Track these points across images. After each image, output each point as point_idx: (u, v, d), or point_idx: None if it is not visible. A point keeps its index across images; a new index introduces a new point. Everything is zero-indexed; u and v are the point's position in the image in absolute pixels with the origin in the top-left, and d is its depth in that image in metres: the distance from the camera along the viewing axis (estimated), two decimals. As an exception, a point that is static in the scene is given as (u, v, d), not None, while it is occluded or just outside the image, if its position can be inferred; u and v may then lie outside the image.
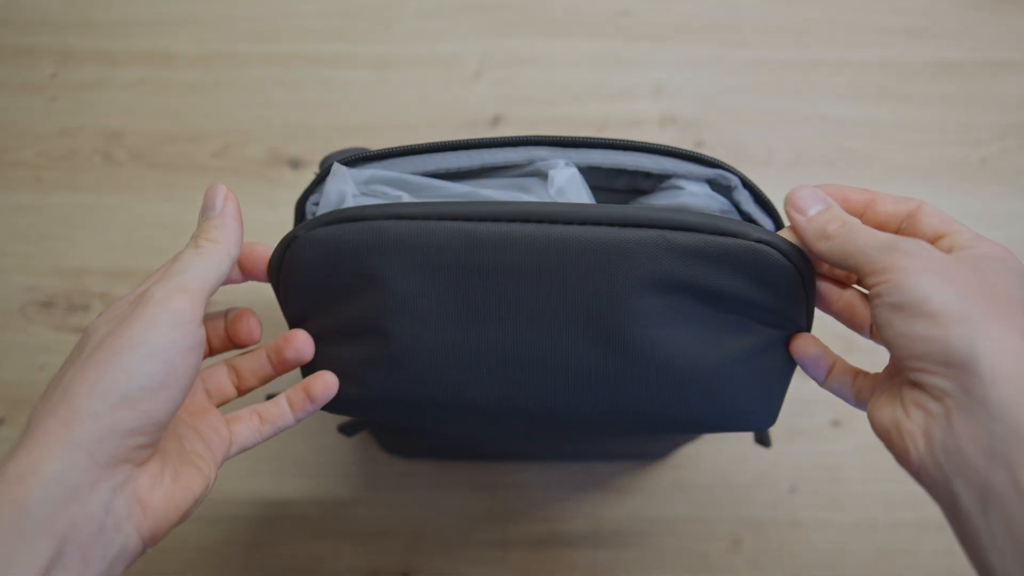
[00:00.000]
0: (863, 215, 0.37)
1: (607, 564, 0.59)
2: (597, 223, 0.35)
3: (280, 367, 0.41)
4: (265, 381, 0.41)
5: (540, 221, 0.36)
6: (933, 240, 0.35)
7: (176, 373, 0.32)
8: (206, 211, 0.38)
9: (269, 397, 0.42)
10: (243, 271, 0.41)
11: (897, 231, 0.37)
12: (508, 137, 0.42)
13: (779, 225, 0.43)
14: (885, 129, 0.68)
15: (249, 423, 0.39)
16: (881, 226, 0.37)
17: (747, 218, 0.44)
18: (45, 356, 0.63)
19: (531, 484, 0.60)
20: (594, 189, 0.43)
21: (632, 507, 0.60)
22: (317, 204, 0.42)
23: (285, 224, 0.64)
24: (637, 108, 0.69)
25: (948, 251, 0.34)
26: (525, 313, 0.36)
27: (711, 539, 0.59)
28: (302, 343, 0.40)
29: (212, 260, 0.36)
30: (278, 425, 0.39)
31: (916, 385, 0.32)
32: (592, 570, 0.59)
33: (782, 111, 0.68)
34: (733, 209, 0.44)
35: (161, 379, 0.32)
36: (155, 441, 0.32)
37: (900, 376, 0.34)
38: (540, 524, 0.59)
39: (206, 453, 0.37)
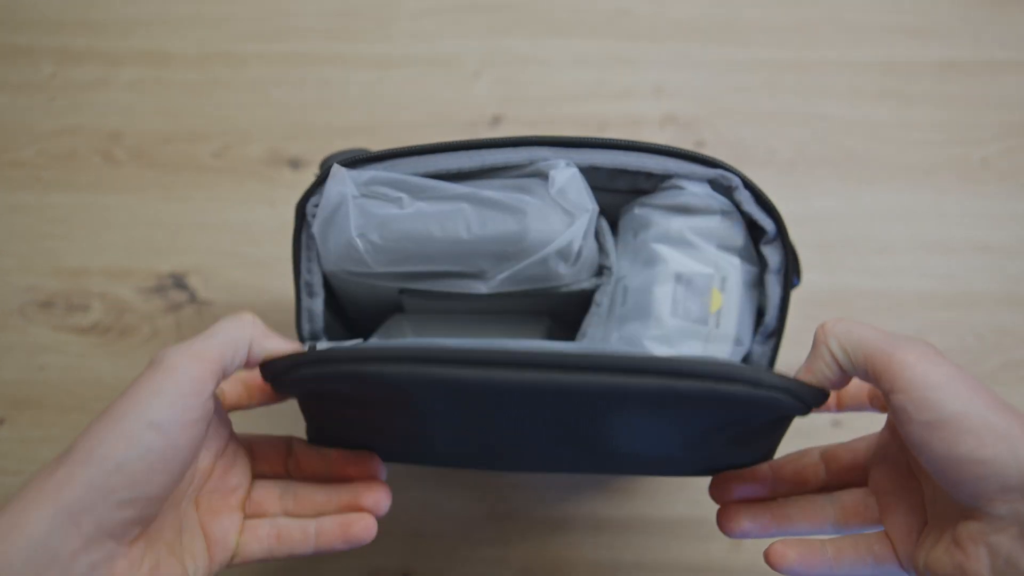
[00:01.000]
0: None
1: (608, 564, 0.59)
2: (597, 370, 0.33)
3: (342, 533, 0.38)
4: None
5: (538, 367, 0.33)
6: None
7: (176, 447, 0.31)
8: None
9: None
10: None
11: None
12: (509, 137, 0.42)
13: (779, 225, 0.43)
14: (886, 129, 0.68)
15: (265, 541, 0.37)
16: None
17: (748, 218, 0.44)
18: (44, 356, 0.63)
19: (531, 484, 0.60)
20: (595, 189, 0.43)
21: (632, 507, 0.60)
22: (317, 206, 0.42)
23: (285, 224, 0.64)
24: (637, 108, 0.69)
25: None
26: (507, 425, 0.36)
27: (711, 539, 0.59)
28: (379, 504, 0.38)
29: (238, 334, 0.34)
30: (295, 551, 0.37)
31: (970, 516, 0.30)
32: (593, 570, 0.59)
33: (782, 111, 0.68)
34: (734, 209, 0.44)
35: (160, 452, 0.31)
36: (145, 518, 0.31)
37: (942, 516, 0.33)
38: (540, 524, 0.59)
39: (201, 557, 0.35)
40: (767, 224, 0.43)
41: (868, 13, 0.71)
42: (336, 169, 0.41)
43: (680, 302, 0.44)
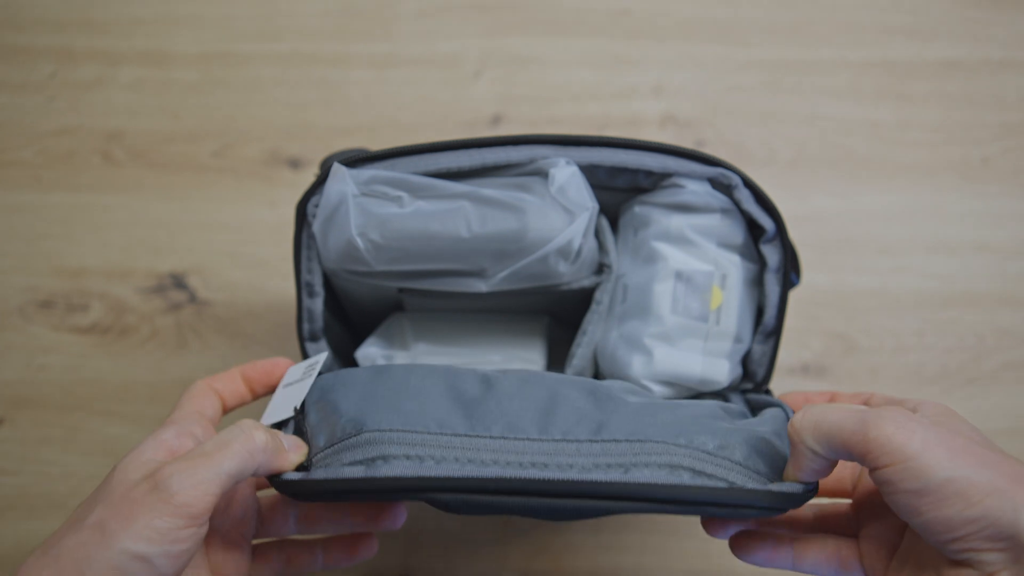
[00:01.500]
0: None
1: (608, 565, 0.59)
2: (593, 496, 0.34)
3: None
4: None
5: (533, 495, 0.34)
6: None
7: (163, 573, 0.31)
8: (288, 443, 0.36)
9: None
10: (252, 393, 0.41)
11: None
12: (509, 136, 0.42)
13: (779, 224, 0.43)
14: (886, 128, 0.68)
15: (275, 564, 0.39)
16: None
17: (747, 217, 0.44)
18: (44, 356, 0.63)
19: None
20: (595, 187, 0.43)
21: (632, 507, 0.60)
22: (318, 206, 0.42)
23: (285, 224, 0.64)
24: (637, 107, 0.69)
25: None
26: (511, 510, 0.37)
27: (711, 540, 0.59)
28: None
29: (247, 463, 0.34)
30: (302, 571, 0.38)
31: (961, 564, 0.31)
32: (593, 572, 0.59)
33: (782, 110, 0.68)
34: (734, 207, 0.44)
35: None
36: None
37: (922, 552, 0.34)
38: (540, 525, 0.59)
39: None
40: (766, 223, 0.43)
41: (868, 13, 0.71)
42: (336, 168, 0.41)
43: (680, 299, 0.44)
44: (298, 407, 0.39)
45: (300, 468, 0.36)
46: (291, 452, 0.36)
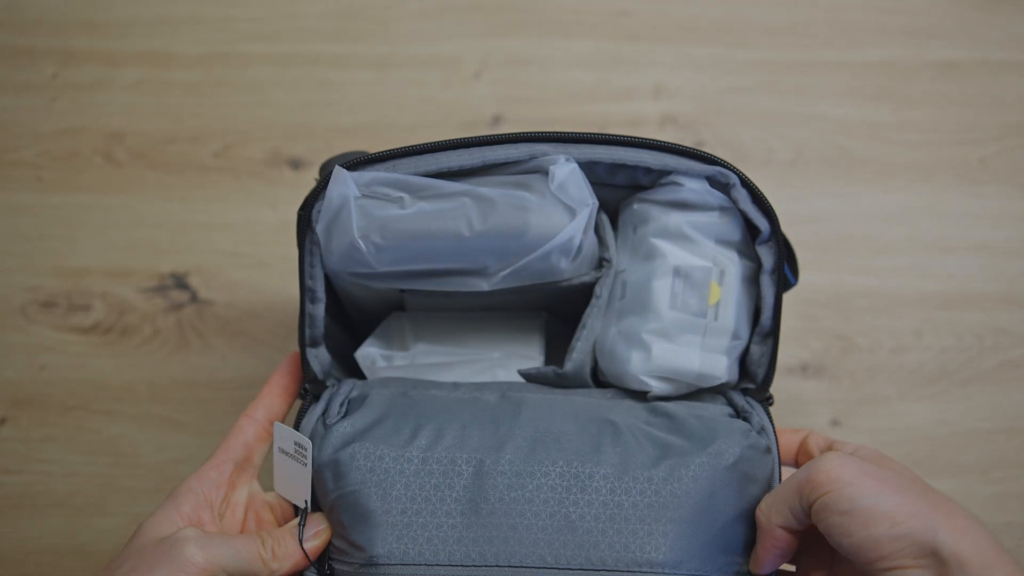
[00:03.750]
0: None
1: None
2: None
3: None
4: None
5: None
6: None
7: None
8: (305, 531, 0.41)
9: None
10: None
11: (797, 455, 0.44)
12: (508, 134, 0.42)
13: (774, 225, 0.43)
14: (885, 129, 0.68)
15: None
16: (785, 457, 0.44)
17: (744, 217, 0.44)
18: (46, 356, 0.63)
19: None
20: (594, 185, 0.43)
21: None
22: (319, 211, 0.42)
23: (286, 224, 0.64)
24: (637, 108, 0.69)
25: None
26: None
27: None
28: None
29: (253, 564, 0.38)
30: None
31: None
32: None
33: (782, 111, 0.68)
34: (732, 206, 0.44)
35: None
36: None
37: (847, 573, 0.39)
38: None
39: None
40: (762, 224, 0.43)
41: (867, 14, 0.71)
42: (337, 171, 0.41)
43: (679, 295, 0.44)
44: (308, 503, 0.42)
45: (321, 562, 0.40)
46: (312, 539, 0.40)
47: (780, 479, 0.42)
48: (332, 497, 0.40)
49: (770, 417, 0.44)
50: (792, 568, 0.42)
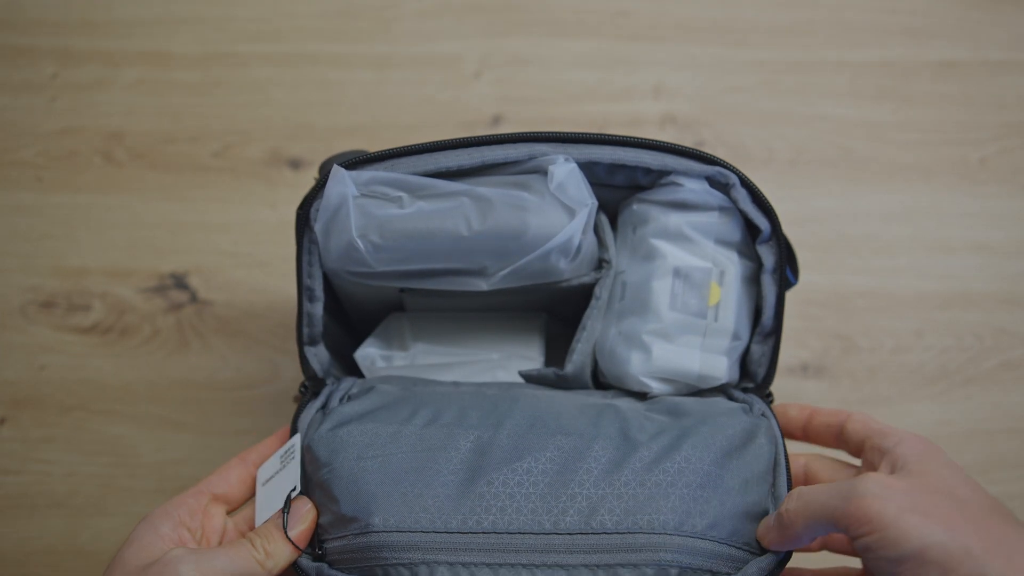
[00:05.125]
0: (805, 427, 0.43)
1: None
2: None
3: None
4: None
5: None
6: (858, 448, 0.40)
7: None
8: (290, 519, 0.39)
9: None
10: None
11: (835, 443, 0.42)
12: (508, 134, 0.42)
13: (774, 225, 0.43)
14: (885, 129, 0.68)
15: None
16: (820, 438, 0.43)
17: (744, 217, 0.44)
18: (45, 356, 0.63)
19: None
20: (593, 185, 0.43)
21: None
22: (318, 210, 0.42)
23: (285, 224, 0.64)
24: (637, 108, 0.69)
25: (881, 461, 0.37)
26: None
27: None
28: None
29: (249, 568, 0.37)
30: None
31: None
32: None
33: (782, 111, 0.68)
34: (731, 206, 0.44)
35: None
36: None
37: None
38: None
39: None
40: (762, 224, 0.43)
41: (867, 13, 0.71)
42: (336, 170, 0.41)
43: (679, 296, 0.44)
44: (296, 489, 0.40)
45: (312, 546, 0.39)
46: (297, 525, 0.39)
47: (786, 457, 0.41)
48: (324, 472, 0.39)
49: (771, 410, 0.44)
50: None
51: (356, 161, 0.42)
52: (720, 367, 0.44)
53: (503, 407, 0.41)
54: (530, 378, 0.47)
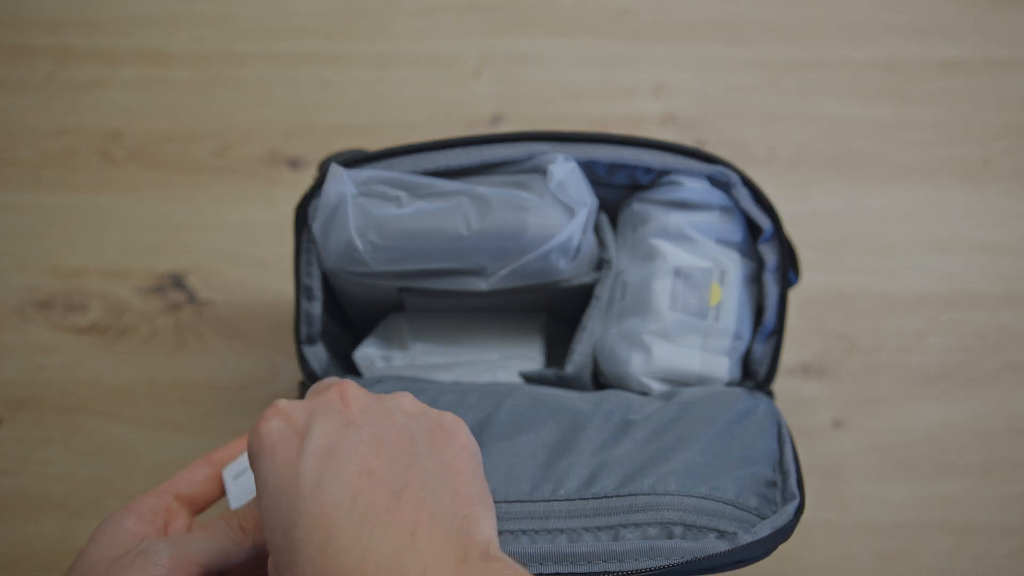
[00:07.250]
0: None
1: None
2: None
3: None
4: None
5: None
6: None
7: None
8: None
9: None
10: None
11: None
12: (507, 133, 0.42)
13: (776, 224, 0.43)
14: (887, 128, 0.68)
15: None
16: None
17: (746, 216, 0.44)
18: (43, 356, 0.63)
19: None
20: (593, 184, 0.43)
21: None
22: (316, 209, 0.42)
23: (284, 224, 0.64)
24: (637, 107, 0.68)
25: None
26: None
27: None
28: None
29: (225, 546, 0.35)
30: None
31: None
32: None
33: (783, 110, 0.68)
34: (733, 205, 0.43)
35: None
36: None
37: None
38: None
39: None
40: (764, 223, 0.43)
41: (869, 13, 0.71)
42: (335, 168, 0.41)
43: (679, 296, 0.44)
44: None
45: None
46: None
47: (789, 433, 0.40)
48: None
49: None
50: None
51: (355, 160, 0.42)
52: (721, 367, 0.44)
53: (502, 392, 0.41)
54: (530, 378, 0.47)
